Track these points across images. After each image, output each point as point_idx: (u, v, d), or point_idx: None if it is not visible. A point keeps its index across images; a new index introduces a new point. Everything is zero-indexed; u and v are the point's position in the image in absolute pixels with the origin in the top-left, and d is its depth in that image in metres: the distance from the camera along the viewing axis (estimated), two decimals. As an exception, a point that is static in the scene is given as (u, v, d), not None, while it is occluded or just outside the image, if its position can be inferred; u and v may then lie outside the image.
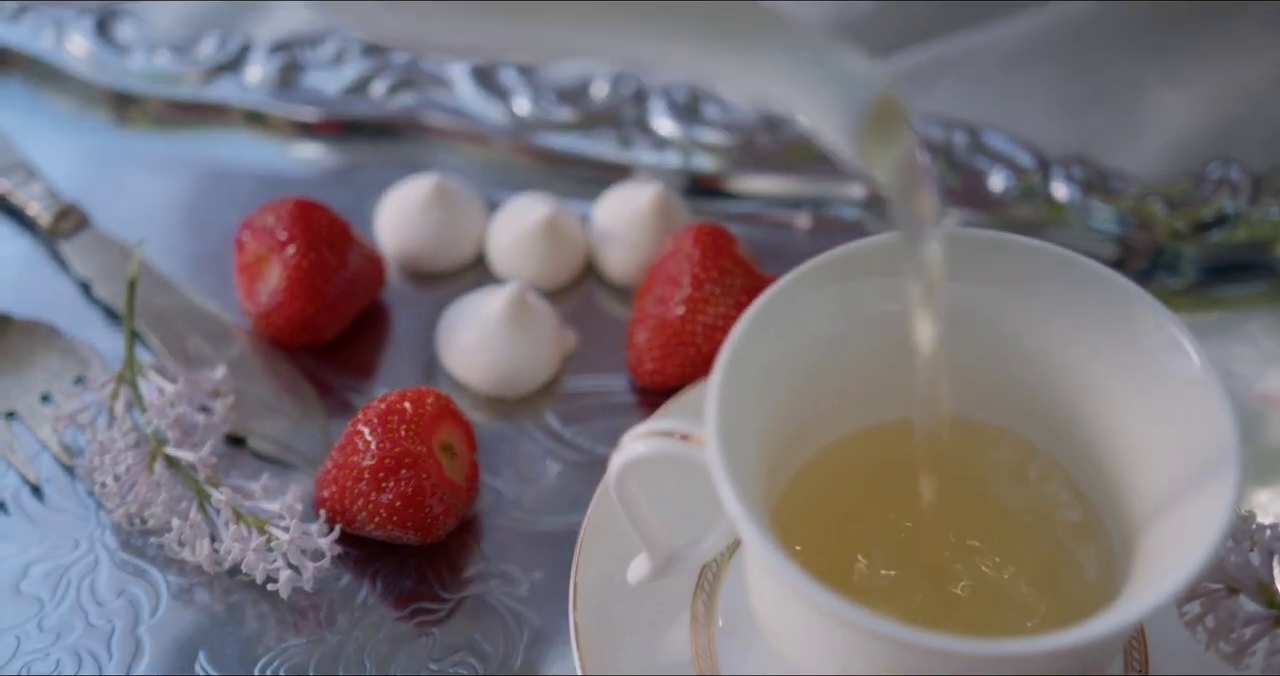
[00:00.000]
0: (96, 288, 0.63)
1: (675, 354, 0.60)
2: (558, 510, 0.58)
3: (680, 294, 0.60)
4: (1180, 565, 0.43)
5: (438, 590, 0.56)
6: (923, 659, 0.43)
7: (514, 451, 0.59)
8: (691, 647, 0.52)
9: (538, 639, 0.55)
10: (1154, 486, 0.47)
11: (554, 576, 0.56)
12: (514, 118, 0.68)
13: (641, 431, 0.47)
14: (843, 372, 0.49)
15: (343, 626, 0.55)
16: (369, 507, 0.55)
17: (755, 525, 0.43)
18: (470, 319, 0.61)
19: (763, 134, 0.67)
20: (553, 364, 0.61)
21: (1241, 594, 0.48)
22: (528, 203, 0.64)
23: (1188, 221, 0.65)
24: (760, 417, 0.47)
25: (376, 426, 0.55)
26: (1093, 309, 0.48)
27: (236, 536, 0.55)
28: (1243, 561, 0.47)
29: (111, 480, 0.56)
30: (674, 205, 0.64)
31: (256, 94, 0.69)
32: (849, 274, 0.48)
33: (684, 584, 0.53)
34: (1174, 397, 0.47)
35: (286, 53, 0.70)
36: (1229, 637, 0.47)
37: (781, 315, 0.47)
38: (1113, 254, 0.64)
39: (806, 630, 0.46)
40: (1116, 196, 0.65)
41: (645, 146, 0.67)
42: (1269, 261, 0.64)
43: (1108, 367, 0.48)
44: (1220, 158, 0.67)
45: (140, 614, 0.55)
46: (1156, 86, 0.70)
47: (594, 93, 0.69)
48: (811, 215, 0.66)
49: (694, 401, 0.55)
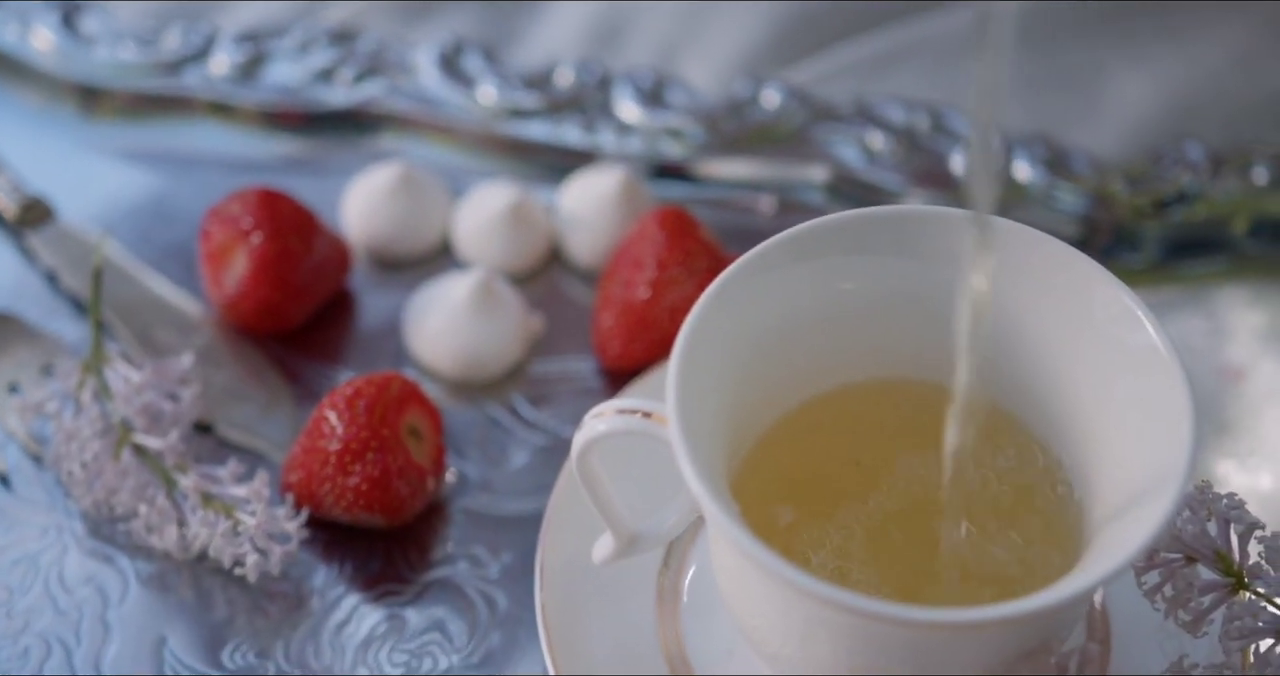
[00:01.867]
0: (63, 278, 0.63)
1: (641, 336, 0.60)
2: (525, 492, 0.58)
3: (645, 277, 0.60)
4: (1134, 534, 0.43)
5: (406, 573, 0.56)
6: (881, 629, 0.43)
7: (481, 435, 0.60)
8: (658, 625, 0.53)
9: (506, 620, 0.55)
10: (1113, 455, 0.47)
11: (522, 558, 0.56)
12: (479, 105, 0.68)
13: (603, 409, 0.48)
14: (801, 346, 0.50)
15: (311, 610, 0.55)
16: (336, 491, 0.55)
17: (715, 499, 0.44)
18: (436, 305, 0.61)
19: (727, 119, 0.68)
20: (519, 348, 0.62)
21: (1199, 562, 0.48)
22: (493, 189, 0.65)
23: (1149, 200, 0.66)
24: (720, 393, 0.47)
25: (342, 411, 0.55)
26: (1052, 283, 0.49)
27: (204, 521, 0.55)
28: (1199, 530, 0.48)
29: (78, 468, 0.56)
30: (639, 190, 0.64)
31: (222, 85, 0.69)
32: (806, 252, 0.49)
33: (650, 562, 0.53)
34: (1131, 369, 0.47)
35: (251, 43, 0.70)
36: (1187, 606, 0.48)
37: (740, 294, 0.48)
38: (1075, 232, 0.65)
39: (769, 604, 0.46)
40: (1078, 176, 0.66)
41: (610, 132, 0.68)
42: (1229, 238, 0.65)
43: (1070, 340, 0.49)
44: (1181, 136, 0.67)
45: (108, 600, 0.55)
46: (1117, 67, 0.70)
47: (559, 79, 0.69)
48: (775, 199, 0.67)
49: (658, 381, 0.55)
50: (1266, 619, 0.47)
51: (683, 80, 0.70)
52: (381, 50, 0.70)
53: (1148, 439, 0.46)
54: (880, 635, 0.44)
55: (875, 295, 0.50)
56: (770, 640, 0.48)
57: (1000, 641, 0.45)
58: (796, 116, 0.68)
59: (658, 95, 0.69)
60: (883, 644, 0.44)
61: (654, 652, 0.52)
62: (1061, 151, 0.67)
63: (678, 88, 0.69)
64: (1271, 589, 0.47)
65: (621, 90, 0.69)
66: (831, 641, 0.45)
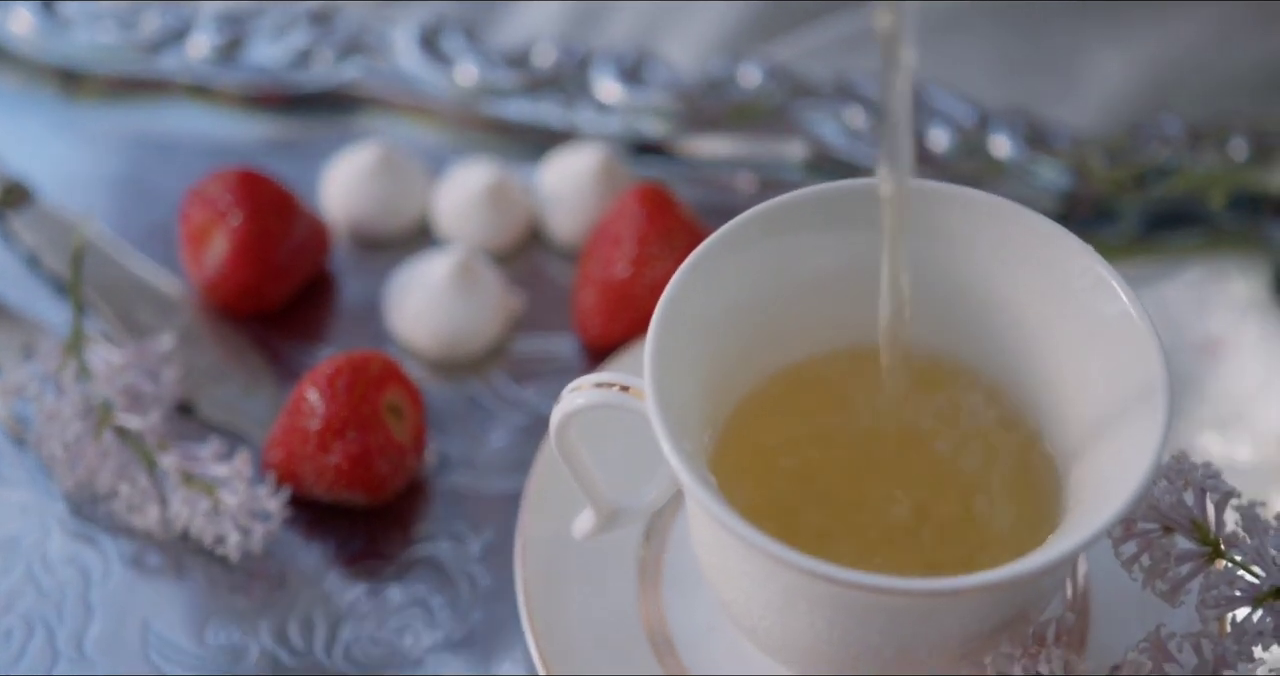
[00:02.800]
0: (44, 261, 0.63)
1: (621, 314, 0.60)
2: (506, 470, 0.58)
3: (625, 254, 0.60)
4: (1110, 502, 0.44)
5: (388, 551, 0.56)
6: (860, 599, 0.44)
7: (463, 413, 0.60)
8: (639, 600, 0.53)
9: (488, 597, 0.55)
10: (1091, 425, 0.48)
11: (503, 535, 0.56)
12: (457, 85, 0.68)
13: (580, 384, 0.48)
14: (775, 318, 0.50)
15: (293, 588, 0.55)
16: (317, 470, 0.55)
17: (692, 472, 0.44)
18: (416, 284, 0.61)
19: (706, 96, 0.68)
20: (499, 326, 0.62)
21: (1176, 532, 0.48)
22: (472, 168, 0.65)
23: (1128, 174, 0.66)
24: (696, 366, 0.47)
25: (323, 389, 0.55)
26: (1030, 255, 0.49)
27: (185, 501, 0.55)
28: (1176, 500, 0.48)
29: (60, 449, 0.56)
30: (618, 168, 0.64)
31: (201, 66, 0.69)
32: (779, 227, 0.49)
33: (631, 537, 0.54)
34: (1108, 340, 0.47)
35: (230, 24, 0.70)
36: (1165, 576, 0.48)
37: (714, 269, 0.48)
38: (1055, 207, 0.65)
39: (748, 576, 0.46)
40: (1058, 150, 0.66)
41: (589, 110, 0.68)
42: (1206, 212, 0.65)
43: (1048, 311, 0.49)
44: (1159, 110, 0.67)
45: (91, 580, 0.55)
46: (1095, 42, 0.70)
47: (538, 58, 0.69)
48: (755, 176, 0.67)
49: (636, 356, 0.55)
50: (1243, 587, 0.47)
51: (662, 58, 0.70)
52: (361, 31, 0.70)
53: (1125, 409, 0.46)
54: (859, 604, 0.44)
55: (847, 267, 0.50)
56: (749, 612, 0.48)
57: (979, 609, 0.45)
58: (776, 94, 0.68)
59: (637, 73, 0.69)
60: (862, 613, 0.45)
61: (635, 627, 0.52)
62: (1040, 126, 0.67)
63: (657, 65, 0.69)
64: (1248, 557, 0.48)
65: (601, 68, 0.69)
66: (810, 612, 0.45)
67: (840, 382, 0.51)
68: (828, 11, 0.72)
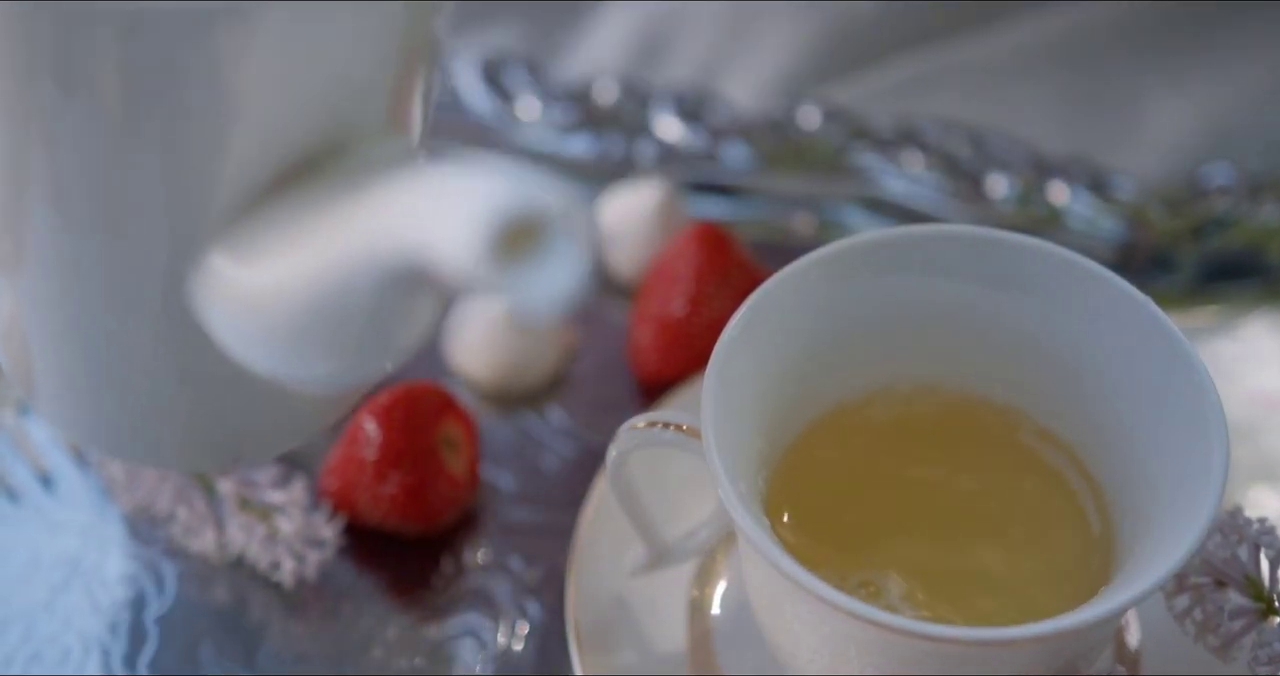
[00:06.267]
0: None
1: (676, 352, 0.60)
2: (559, 503, 0.59)
3: (682, 293, 0.60)
4: (1164, 556, 0.44)
5: (440, 582, 0.57)
6: (911, 646, 0.44)
7: (517, 445, 0.60)
8: (689, 638, 0.53)
9: (538, 630, 0.56)
10: (1146, 477, 0.48)
11: (554, 568, 0.57)
12: (518, 119, 0.69)
13: (637, 422, 0.48)
14: (832, 358, 0.50)
15: (346, 616, 0.56)
16: (372, 499, 0.56)
17: (748, 514, 0.44)
18: (475, 316, 0.62)
19: (766, 137, 0.68)
20: (556, 361, 0.62)
21: (1229, 587, 0.48)
22: (533, 202, 0.65)
23: (1186, 224, 0.66)
24: (752, 406, 0.48)
25: (380, 420, 0.56)
26: (1089, 307, 0.49)
27: (242, 526, 0.56)
28: (1230, 555, 0.48)
29: (120, 472, 0.57)
30: (677, 206, 0.65)
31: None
32: (840, 270, 0.49)
33: (682, 575, 0.54)
34: (1165, 394, 0.47)
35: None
36: (1217, 630, 0.48)
37: (774, 310, 0.48)
38: (1112, 256, 0.65)
39: (799, 620, 0.47)
40: (1115, 199, 0.66)
41: (649, 147, 0.68)
42: (1265, 264, 0.65)
43: (1106, 362, 0.49)
44: (1219, 160, 0.67)
45: (147, 602, 0.56)
46: (1156, 90, 0.71)
47: (599, 94, 0.69)
48: (813, 218, 0.67)
49: (691, 395, 0.56)
50: (1295, 644, 0.47)
51: (723, 97, 0.70)
52: (425, 64, 0.71)
53: (1180, 461, 0.46)
54: (909, 651, 0.44)
55: (904, 310, 0.50)
56: (798, 656, 0.48)
57: (1029, 660, 0.45)
58: (835, 136, 0.68)
59: (697, 112, 0.69)
60: (911, 661, 0.45)
61: (683, 666, 0.53)
62: (1099, 175, 0.67)
63: (718, 104, 0.69)
64: (1301, 614, 0.48)
65: (661, 106, 0.69)
66: (860, 657, 0.45)
67: (895, 425, 0.52)
68: (889, 54, 0.73)
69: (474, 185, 0.33)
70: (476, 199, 0.33)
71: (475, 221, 0.32)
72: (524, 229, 0.33)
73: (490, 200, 0.32)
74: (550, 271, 0.33)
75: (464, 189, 0.33)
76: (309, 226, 0.36)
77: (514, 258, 0.33)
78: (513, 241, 0.32)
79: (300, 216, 0.37)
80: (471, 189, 0.33)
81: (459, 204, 0.33)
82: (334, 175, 0.38)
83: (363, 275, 0.35)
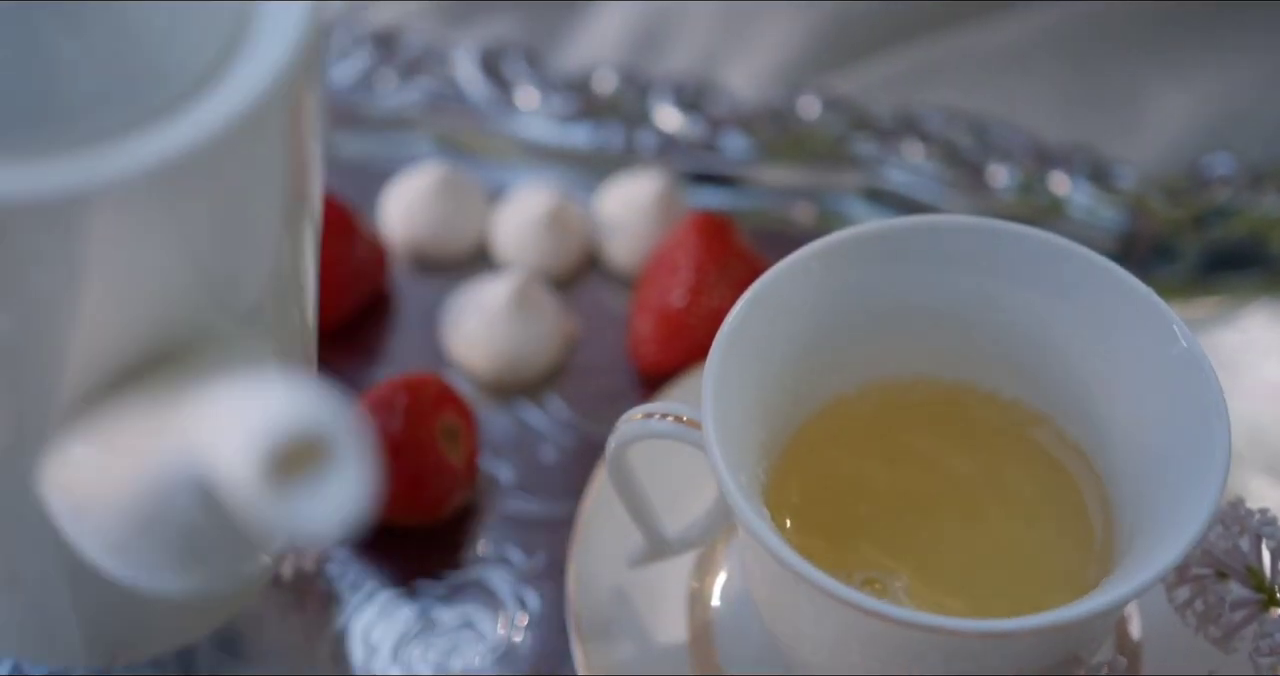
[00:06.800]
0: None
1: (675, 342, 0.60)
2: (558, 494, 0.58)
3: (681, 283, 0.60)
4: (1166, 548, 0.43)
5: (439, 572, 0.57)
6: (914, 637, 0.44)
7: (516, 436, 0.60)
8: (689, 630, 0.53)
9: (537, 621, 0.56)
10: (1148, 468, 0.47)
11: (554, 559, 0.57)
12: (518, 109, 0.69)
13: (637, 413, 0.48)
14: (832, 348, 0.50)
15: (345, 607, 0.56)
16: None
17: (749, 506, 0.44)
18: (474, 307, 0.62)
19: (766, 126, 0.68)
20: (555, 351, 0.62)
21: (1230, 578, 0.48)
22: (532, 193, 0.65)
23: (1187, 214, 0.66)
24: (752, 397, 0.47)
25: (379, 412, 0.56)
26: (1089, 297, 0.49)
27: (240, 518, 0.55)
28: (1231, 546, 0.48)
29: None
30: (676, 196, 0.65)
31: (266, 85, 0.70)
32: (841, 260, 0.49)
33: (681, 566, 0.54)
34: (1166, 383, 0.47)
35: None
36: (1218, 621, 0.48)
37: (775, 301, 0.48)
38: (1113, 246, 0.65)
39: (800, 612, 0.46)
40: (1117, 189, 0.66)
41: (649, 137, 0.68)
42: (1266, 254, 0.65)
43: (1106, 352, 0.49)
44: (1220, 150, 0.67)
45: (145, 594, 0.56)
46: (1157, 80, 0.70)
47: (598, 83, 0.69)
48: (813, 207, 0.67)
49: (692, 386, 0.56)
50: (1297, 635, 0.47)
51: (723, 87, 0.70)
52: (423, 54, 0.70)
53: (1182, 452, 0.46)
54: (911, 643, 0.44)
55: (904, 301, 0.50)
56: (800, 648, 0.48)
57: (1031, 651, 0.45)
58: (835, 126, 0.68)
59: (697, 101, 0.69)
60: (913, 652, 0.45)
61: (683, 657, 0.52)
62: (1100, 165, 0.67)
63: (718, 94, 0.69)
64: (1303, 605, 0.47)
65: (661, 96, 0.69)
66: (862, 649, 0.45)
67: (895, 416, 0.51)
68: (889, 44, 0.72)
69: (254, 403, 0.32)
70: (254, 417, 0.32)
71: (251, 439, 0.31)
72: (303, 450, 0.32)
73: (266, 419, 0.31)
74: (330, 493, 0.31)
75: (244, 407, 0.32)
76: (128, 431, 0.36)
77: (294, 478, 0.32)
78: (293, 462, 0.31)
79: (122, 419, 0.36)
80: (251, 407, 0.32)
81: (237, 422, 0.32)
82: (163, 378, 0.37)
83: (167, 487, 0.34)
